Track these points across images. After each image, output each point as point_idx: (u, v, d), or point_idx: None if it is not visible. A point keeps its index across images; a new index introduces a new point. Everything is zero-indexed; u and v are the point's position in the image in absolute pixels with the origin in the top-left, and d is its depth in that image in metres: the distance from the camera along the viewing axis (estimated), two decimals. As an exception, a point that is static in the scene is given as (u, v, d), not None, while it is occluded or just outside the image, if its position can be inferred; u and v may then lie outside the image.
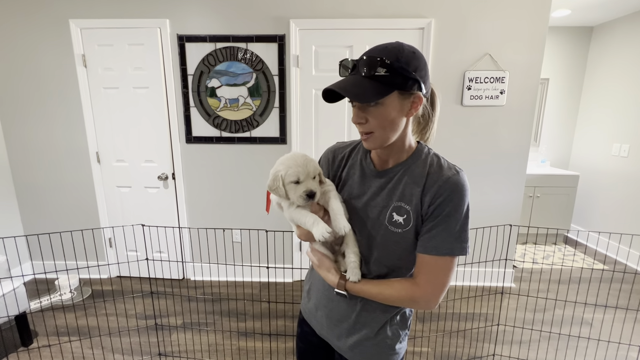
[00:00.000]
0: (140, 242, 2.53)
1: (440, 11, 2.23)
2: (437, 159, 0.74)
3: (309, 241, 0.82)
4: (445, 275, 0.70)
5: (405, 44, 0.68)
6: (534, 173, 3.29)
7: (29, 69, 2.39)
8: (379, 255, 0.76)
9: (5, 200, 2.55)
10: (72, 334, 2.02)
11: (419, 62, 0.66)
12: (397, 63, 0.64)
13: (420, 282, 0.71)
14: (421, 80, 0.66)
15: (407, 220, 0.72)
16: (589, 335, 1.97)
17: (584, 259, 3.16)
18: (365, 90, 0.65)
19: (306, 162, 0.72)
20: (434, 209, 0.69)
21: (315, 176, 0.74)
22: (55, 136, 2.50)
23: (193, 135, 2.48)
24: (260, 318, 2.22)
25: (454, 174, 0.70)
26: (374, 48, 0.68)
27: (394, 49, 0.66)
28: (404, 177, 0.74)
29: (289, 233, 2.58)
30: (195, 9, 2.28)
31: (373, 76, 0.65)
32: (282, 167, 0.73)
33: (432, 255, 0.69)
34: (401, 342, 0.83)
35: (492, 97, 2.34)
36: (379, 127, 0.69)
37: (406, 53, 0.65)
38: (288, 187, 0.73)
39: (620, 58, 3.13)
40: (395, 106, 0.67)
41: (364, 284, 0.76)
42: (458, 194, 0.68)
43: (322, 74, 2.35)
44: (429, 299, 0.71)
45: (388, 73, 0.64)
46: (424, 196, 0.70)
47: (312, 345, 0.94)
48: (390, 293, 0.73)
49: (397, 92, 0.66)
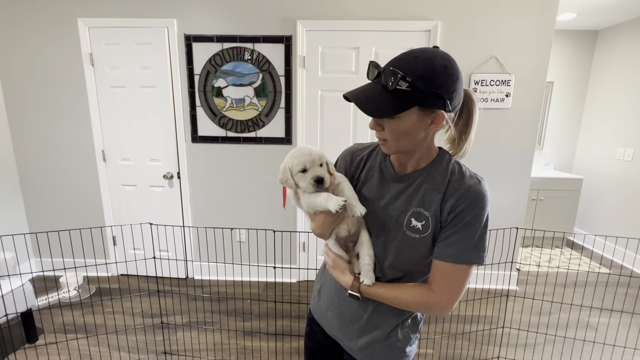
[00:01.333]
0: (145, 241, 2.54)
1: (446, 13, 2.24)
2: (459, 167, 0.73)
3: (324, 235, 0.81)
4: (461, 283, 0.70)
5: (440, 54, 0.62)
6: (537, 176, 3.29)
7: (37, 67, 2.40)
8: (395, 259, 0.75)
9: (12, 197, 2.57)
10: (77, 331, 2.03)
11: (448, 79, 0.62)
12: (420, 80, 0.60)
13: (435, 289, 0.71)
14: (446, 97, 0.62)
15: (426, 226, 0.71)
16: (594, 339, 1.96)
17: (589, 263, 3.16)
18: (381, 104, 0.63)
19: (310, 151, 0.76)
20: (453, 216, 0.69)
21: (322, 164, 0.77)
22: (62, 134, 2.52)
23: (199, 135, 2.49)
24: (265, 318, 2.22)
25: (476, 183, 0.69)
26: (404, 55, 0.64)
27: (423, 62, 0.61)
28: (424, 183, 0.73)
29: (295, 233, 2.58)
30: (202, 9, 2.29)
31: (394, 89, 0.62)
32: (289, 159, 0.77)
33: (449, 262, 0.69)
34: (411, 345, 0.83)
35: (498, 99, 2.34)
36: (394, 138, 0.68)
37: (435, 67, 0.61)
38: (296, 177, 0.76)
39: (625, 62, 3.14)
40: (413, 120, 0.65)
41: (378, 287, 0.76)
42: (479, 204, 0.68)
43: (328, 74, 2.36)
44: (443, 306, 0.71)
45: (409, 88, 0.61)
46: (444, 203, 0.70)
47: (321, 345, 0.94)
48: (405, 298, 0.73)
49: (418, 107, 0.64)
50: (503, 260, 2.42)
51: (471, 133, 0.73)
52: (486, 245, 0.70)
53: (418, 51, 0.64)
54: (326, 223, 0.77)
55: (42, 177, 2.60)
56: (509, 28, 2.24)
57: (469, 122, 0.73)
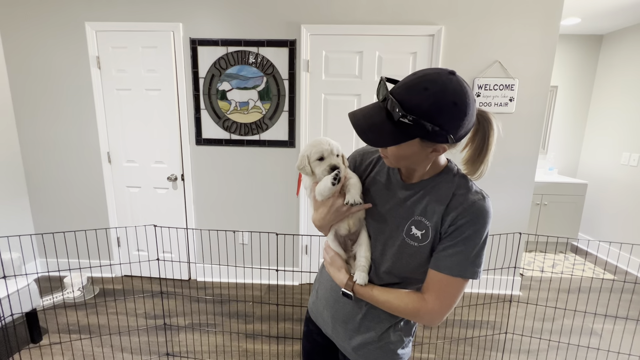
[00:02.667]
0: (150, 242, 2.56)
1: (450, 18, 2.24)
2: (465, 181, 0.73)
3: (323, 228, 0.84)
4: (453, 295, 0.71)
5: (452, 88, 0.59)
6: (541, 181, 3.28)
7: (45, 69, 2.44)
8: (392, 265, 0.76)
9: (18, 198, 2.60)
10: (81, 331, 2.04)
11: (455, 116, 0.60)
12: (424, 117, 0.59)
13: (428, 298, 0.71)
14: (450, 133, 0.61)
15: (425, 235, 0.72)
16: (598, 346, 1.94)
17: (593, 268, 3.13)
18: (381, 136, 0.63)
19: (328, 142, 0.81)
20: (454, 229, 0.69)
21: (339, 154, 0.82)
22: (68, 136, 2.55)
23: (203, 137, 2.50)
24: (267, 320, 2.22)
25: (480, 199, 0.70)
26: (415, 82, 0.60)
27: (432, 96, 0.59)
28: (429, 193, 0.73)
29: (297, 236, 2.59)
30: (208, 14, 2.32)
31: (397, 121, 0.61)
32: (308, 148, 0.83)
33: (445, 274, 0.70)
34: (404, 348, 0.84)
35: (502, 104, 2.34)
36: (394, 159, 0.70)
37: (443, 105, 0.59)
38: (313, 164, 0.81)
39: (630, 67, 3.12)
40: (414, 149, 0.66)
41: (371, 289, 0.77)
42: (481, 220, 0.68)
43: (332, 78, 2.37)
44: (434, 316, 0.71)
45: (411, 123, 0.60)
46: (446, 215, 0.70)
47: (317, 344, 0.95)
48: (397, 304, 0.74)
49: (419, 139, 0.63)
50: (506, 265, 2.40)
51: (487, 155, 0.71)
52: (482, 261, 0.70)
53: (429, 81, 0.60)
54: (327, 217, 0.79)
55: (48, 178, 2.63)
56: (512, 32, 2.24)
57: (483, 145, 0.70)
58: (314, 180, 0.83)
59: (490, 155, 0.71)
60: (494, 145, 0.70)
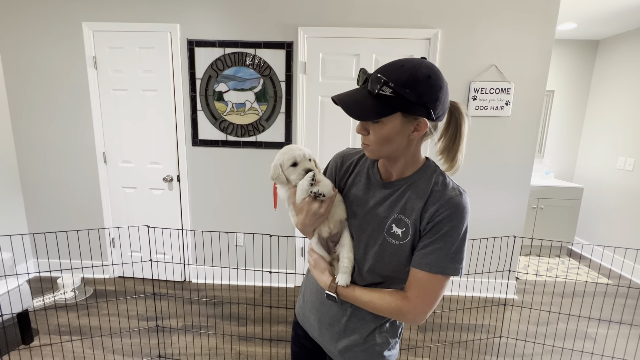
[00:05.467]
0: (143, 243, 2.54)
1: (447, 22, 2.25)
2: (443, 177, 0.74)
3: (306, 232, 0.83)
4: (435, 292, 0.71)
5: (425, 64, 0.65)
6: (538, 184, 3.29)
7: (41, 69, 2.43)
8: (374, 264, 0.76)
9: (12, 197, 2.58)
10: (72, 333, 2.02)
11: (431, 88, 0.64)
12: (402, 88, 0.63)
13: (410, 297, 0.71)
14: (429, 106, 0.65)
15: (405, 233, 0.73)
16: (592, 350, 1.94)
17: (588, 272, 3.13)
18: (365, 108, 0.66)
19: (299, 148, 0.82)
20: (432, 226, 0.70)
21: (311, 159, 0.83)
22: (64, 136, 2.53)
23: (199, 139, 2.50)
24: (261, 323, 2.21)
25: (457, 194, 0.70)
26: (391, 63, 0.67)
27: (408, 70, 0.64)
28: (408, 191, 0.74)
29: (292, 238, 2.58)
30: (205, 15, 2.32)
31: (378, 94, 0.65)
32: (279, 156, 0.83)
33: (425, 271, 0.70)
34: (391, 350, 0.84)
35: (498, 107, 2.35)
36: (376, 142, 0.70)
37: (419, 76, 0.63)
38: (287, 171, 0.82)
39: (625, 72, 3.14)
40: (396, 126, 0.67)
41: (354, 290, 0.77)
42: (458, 215, 0.69)
43: (329, 81, 2.37)
44: (416, 314, 0.72)
45: (393, 94, 0.63)
46: (425, 212, 0.71)
47: (305, 349, 0.95)
48: (380, 303, 0.74)
49: (401, 113, 0.66)
50: (502, 269, 2.40)
51: (461, 144, 0.74)
52: (463, 258, 0.70)
53: (404, 60, 0.66)
54: (306, 221, 0.79)
55: (42, 178, 2.62)
56: (509, 37, 2.25)
57: (456, 134, 0.73)
58: (290, 188, 0.83)
59: (464, 144, 0.74)
60: (467, 134, 0.74)
